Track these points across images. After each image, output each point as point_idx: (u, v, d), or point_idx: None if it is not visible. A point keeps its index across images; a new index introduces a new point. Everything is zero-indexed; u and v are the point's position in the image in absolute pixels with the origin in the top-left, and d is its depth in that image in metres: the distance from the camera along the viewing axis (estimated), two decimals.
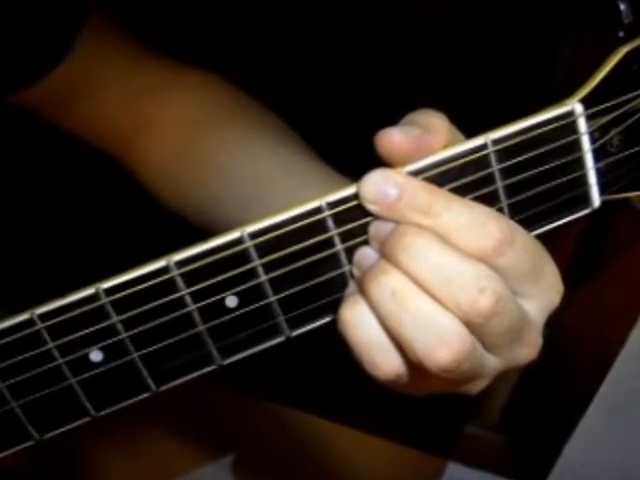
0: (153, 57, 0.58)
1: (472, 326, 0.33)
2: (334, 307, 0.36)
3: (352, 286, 0.36)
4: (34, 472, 0.71)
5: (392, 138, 0.34)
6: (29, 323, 0.35)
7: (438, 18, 0.74)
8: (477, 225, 0.33)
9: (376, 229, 0.35)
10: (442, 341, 0.32)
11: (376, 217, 0.34)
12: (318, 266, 0.35)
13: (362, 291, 0.34)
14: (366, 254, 0.35)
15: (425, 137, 0.34)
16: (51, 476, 0.73)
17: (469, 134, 0.36)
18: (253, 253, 0.34)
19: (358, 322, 0.34)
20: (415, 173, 0.34)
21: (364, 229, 0.35)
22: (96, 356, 0.36)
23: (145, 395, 0.37)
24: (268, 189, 0.51)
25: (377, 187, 0.33)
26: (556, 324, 1.02)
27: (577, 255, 0.94)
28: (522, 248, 0.34)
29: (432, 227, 0.33)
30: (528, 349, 0.36)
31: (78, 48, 0.51)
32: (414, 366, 0.34)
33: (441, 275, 0.32)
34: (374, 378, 0.35)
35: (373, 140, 0.34)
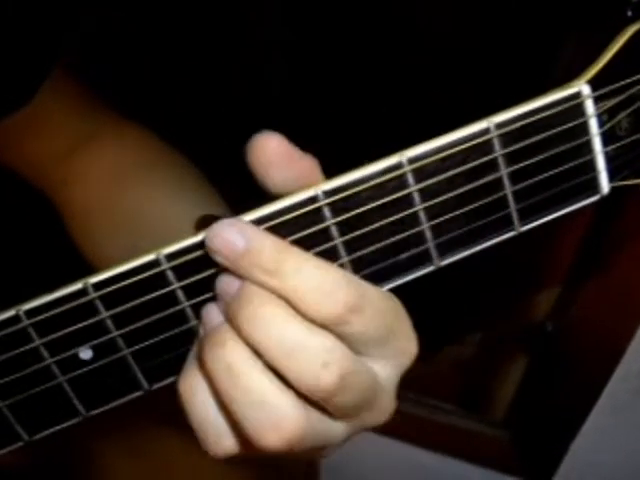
0: (97, 108, 0.59)
1: (316, 400, 0.31)
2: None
3: (197, 348, 0.34)
4: (33, 470, 0.70)
5: (270, 142, 0.32)
6: (15, 320, 0.34)
7: (439, 17, 0.73)
8: (325, 291, 0.31)
9: (221, 287, 0.33)
10: (273, 424, 0.31)
11: (222, 270, 0.32)
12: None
13: (200, 356, 0.33)
14: (210, 314, 0.33)
15: (302, 156, 0.33)
16: (51, 474, 0.73)
17: None
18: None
19: (193, 395, 0.33)
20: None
21: (210, 283, 0.33)
22: (85, 354, 0.35)
23: (137, 394, 0.36)
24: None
25: (225, 237, 0.31)
26: (562, 320, 1.02)
27: (583, 248, 0.93)
28: (372, 314, 0.32)
29: (278, 289, 0.31)
30: (378, 414, 0.34)
31: (39, 96, 0.52)
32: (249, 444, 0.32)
33: (284, 348, 0.31)
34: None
35: (247, 144, 0.32)
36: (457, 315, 1.04)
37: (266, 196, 0.33)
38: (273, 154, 0.32)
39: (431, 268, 0.35)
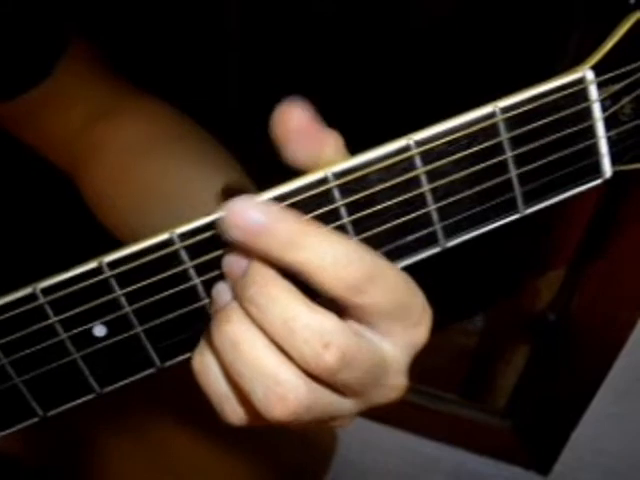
0: (115, 81, 0.59)
1: (320, 378, 0.32)
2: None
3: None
4: (34, 456, 0.71)
5: (293, 112, 0.32)
6: (32, 297, 0.34)
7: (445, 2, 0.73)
8: (344, 261, 0.31)
9: (230, 266, 0.33)
10: (279, 396, 0.31)
11: (232, 248, 0.33)
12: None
13: (209, 337, 0.34)
14: (220, 292, 0.34)
15: (325, 131, 0.33)
16: (52, 460, 0.73)
17: None
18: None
19: (206, 371, 0.34)
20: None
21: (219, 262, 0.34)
22: (100, 331, 0.36)
23: (150, 371, 0.37)
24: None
25: (242, 213, 0.31)
26: (564, 309, 1.02)
27: (586, 237, 0.93)
28: (386, 286, 0.32)
29: (294, 264, 0.31)
30: (388, 391, 0.35)
31: (57, 71, 0.53)
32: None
33: (286, 327, 0.31)
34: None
35: (273, 115, 0.32)
36: (459, 298, 1.04)
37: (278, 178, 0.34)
38: (294, 125, 0.32)
39: (437, 249, 0.36)
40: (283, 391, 0.31)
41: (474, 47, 0.73)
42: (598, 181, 0.36)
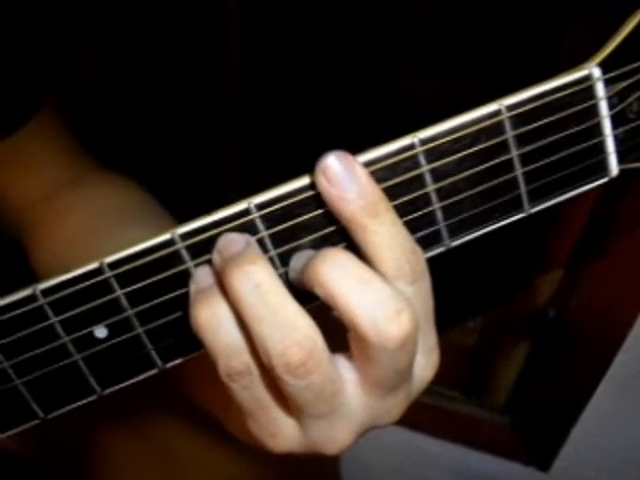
0: (80, 152, 0.60)
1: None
2: None
3: (202, 278, 0.34)
4: (37, 455, 0.71)
5: None
6: (32, 299, 0.34)
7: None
8: (407, 249, 0.32)
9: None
10: (296, 341, 0.31)
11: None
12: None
13: (222, 279, 0.33)
14: (232, 240, 0.34)
15: None
16: (55, 459, 0.73)
17: None
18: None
19: (216, 324, 0.33)
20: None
21: None
22: (101, 332, 0.35)
23: (151, 372, 0.37)
24: None
25: (339, 175, 0.32)
26: (564, 306, 1.02)
27: (586, 233, 0.93)
28: (425, 289, 0.34)
29: (369, 235, 0.32)
30: (403, 400, 0.36)
31: (28, 128, 0.54)
32: (264, 368, 0.33)
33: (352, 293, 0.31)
34: (226, 386, 0.34)
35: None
36: (458, 300, 1.04)
37: None
38: None
39: (442, 249, 0.36)
40: (300, 337, 0.31)
41: (474, 44, 0.72)
42: (605, 179, 0.36)
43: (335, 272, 0.31)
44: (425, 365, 0.36)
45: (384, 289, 0.31)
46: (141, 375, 0.37)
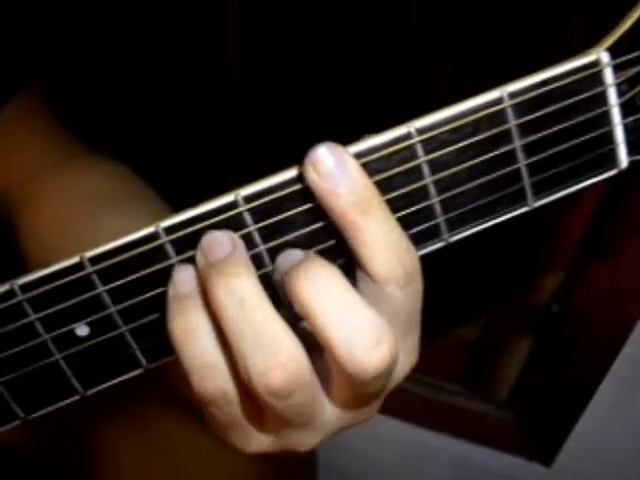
0: (71, 142, 0.59)
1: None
2: None
3: (181, 282, 0.32)
4: (35, 449, 0.70)
5: None
6: (10, 294, 0.33)
7: None
8: (401, 249, 0.31)
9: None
10: (279, 364, 0.30)
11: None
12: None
13: (205, 287, 0.31)
14: (217, 240, 0.32)
15: None
16: (52, 454, 0.73)
17: None
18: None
19: (193, 337, 0.31)
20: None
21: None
22: (82, 330, 0.34)
23: (136, 372, 0.35)
24: None
25: (329, 169, 0.30)
26: (567, 300, 1.01)
27: (590, 228, 0.92)
28: (416, 292, 0.32)
29: (363, 230, 0.30)
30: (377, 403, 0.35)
31: (7, 110, 0.53)
32: (243, 389, 0.31)
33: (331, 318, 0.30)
34: (199, 401, 0.32)
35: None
36: (462, 299, 1.03)
37: None
38: None
39: (441, 244, 0.34)
40: (285, 357, 0.30)
41: (475, 44, 0.71)
42: (613, 171, 0.34)
43: (315, 290, 0.29)
44: (403, 362, 0.34)
45: (366, 316, 0.29)
46: (125, 375, 0.35)
